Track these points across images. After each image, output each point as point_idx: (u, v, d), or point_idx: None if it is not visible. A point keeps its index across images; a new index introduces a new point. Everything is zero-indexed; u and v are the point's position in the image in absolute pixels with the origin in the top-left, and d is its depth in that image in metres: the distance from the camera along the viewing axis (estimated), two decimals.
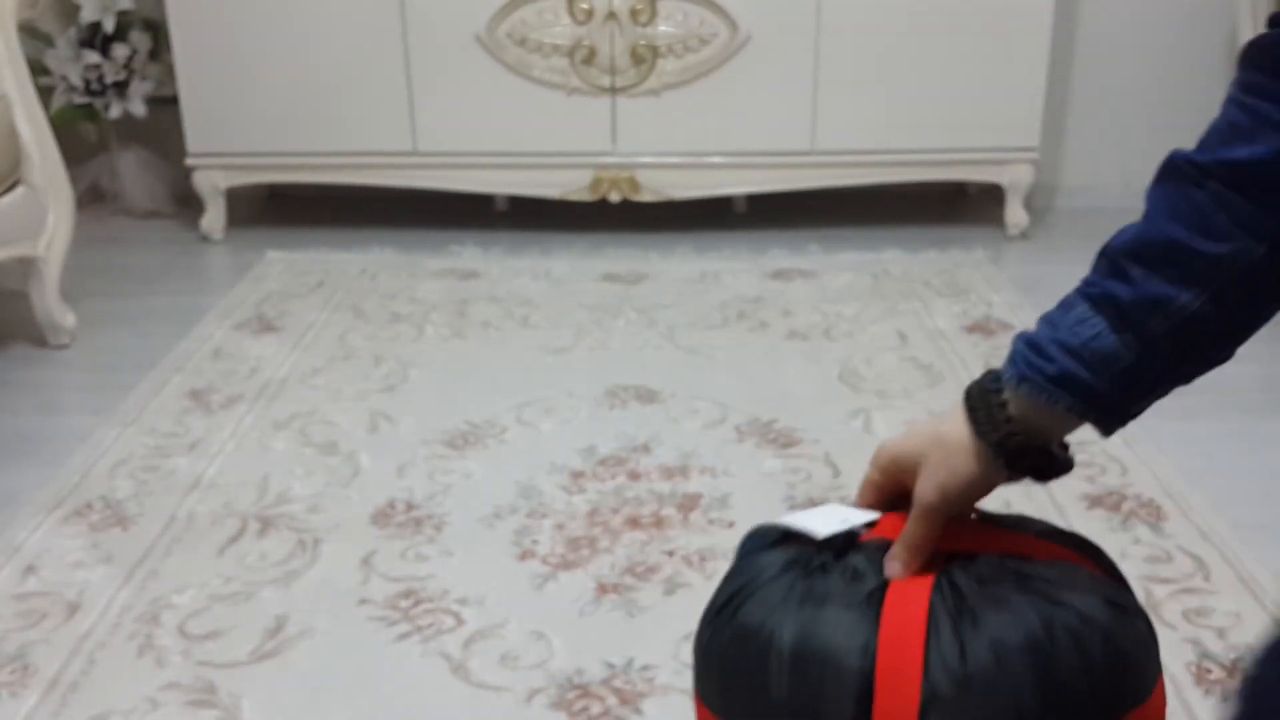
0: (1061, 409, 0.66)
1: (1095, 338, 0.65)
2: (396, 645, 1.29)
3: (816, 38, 2.43)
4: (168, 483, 1.62)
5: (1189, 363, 0.67)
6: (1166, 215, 0.64)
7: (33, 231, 2.02)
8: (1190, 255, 0.63)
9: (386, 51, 2.46)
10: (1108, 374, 0.66)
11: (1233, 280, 0.63)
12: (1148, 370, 0.66)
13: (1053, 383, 0.66)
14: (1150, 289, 0.64)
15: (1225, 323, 0.65)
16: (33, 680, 1.24)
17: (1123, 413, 0.68)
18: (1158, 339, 0.65)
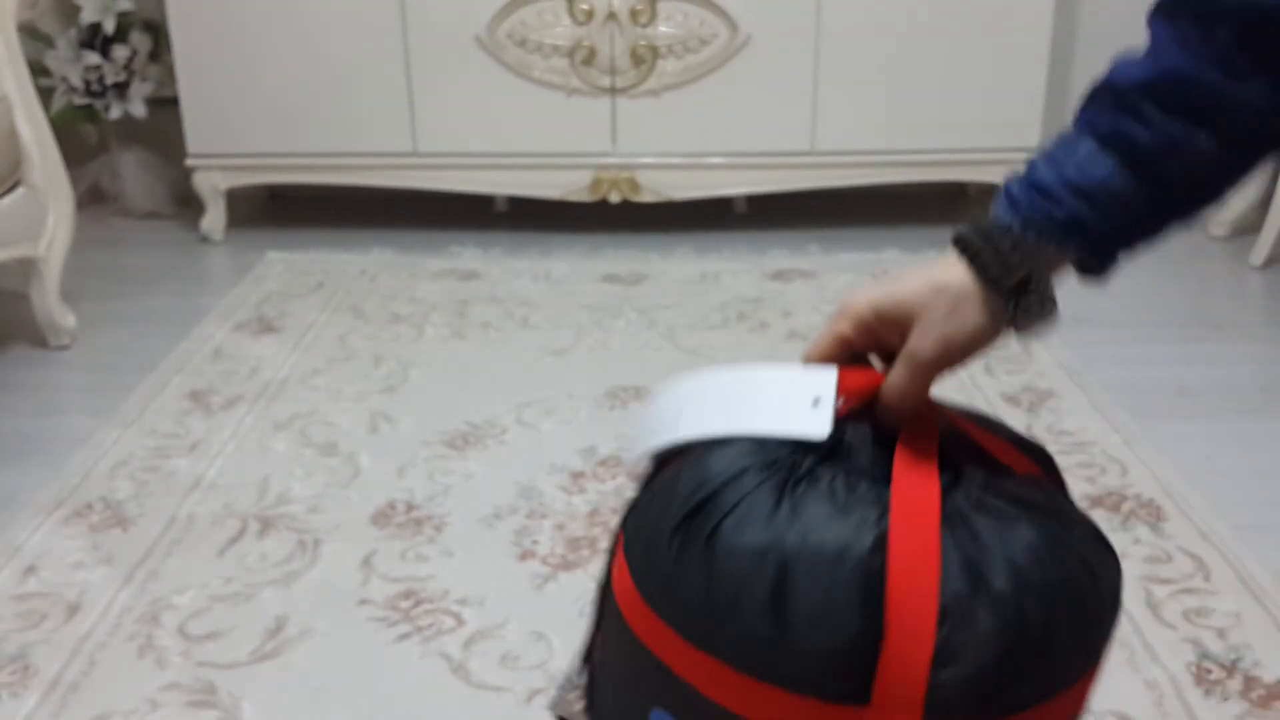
0: (1070, 253, 0.64)
1: (1107, 178, 0.62)
2: (397, 646, 1.29)
3: (816, 38, 2.43)
4: (168, 483, 1.63)
5: (1193, 205, 0.65)
6: (1183, 52, 0.61)
7: (33, 232, 2.02)
8: (1214, 96, 0.61)
9: (386, 52, 2.46)
10: (1116, 216, 0.63)
11: (1252, 123, 0.61)
12: (1155, 213, 0.64)
13: (1064, 228, 0.63)
14: (1169, 130, 0.61)
15: (1236, 165, 0.63)
16: (33, 681, 1.24)
17: (1119, 256, 0.66)
18: (1172, 181, 0.62)
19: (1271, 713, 1.18)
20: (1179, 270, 2.41)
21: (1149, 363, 1.98)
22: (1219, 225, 2.57)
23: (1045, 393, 1.86)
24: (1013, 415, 1.79)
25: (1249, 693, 1.20)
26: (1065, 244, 0.64)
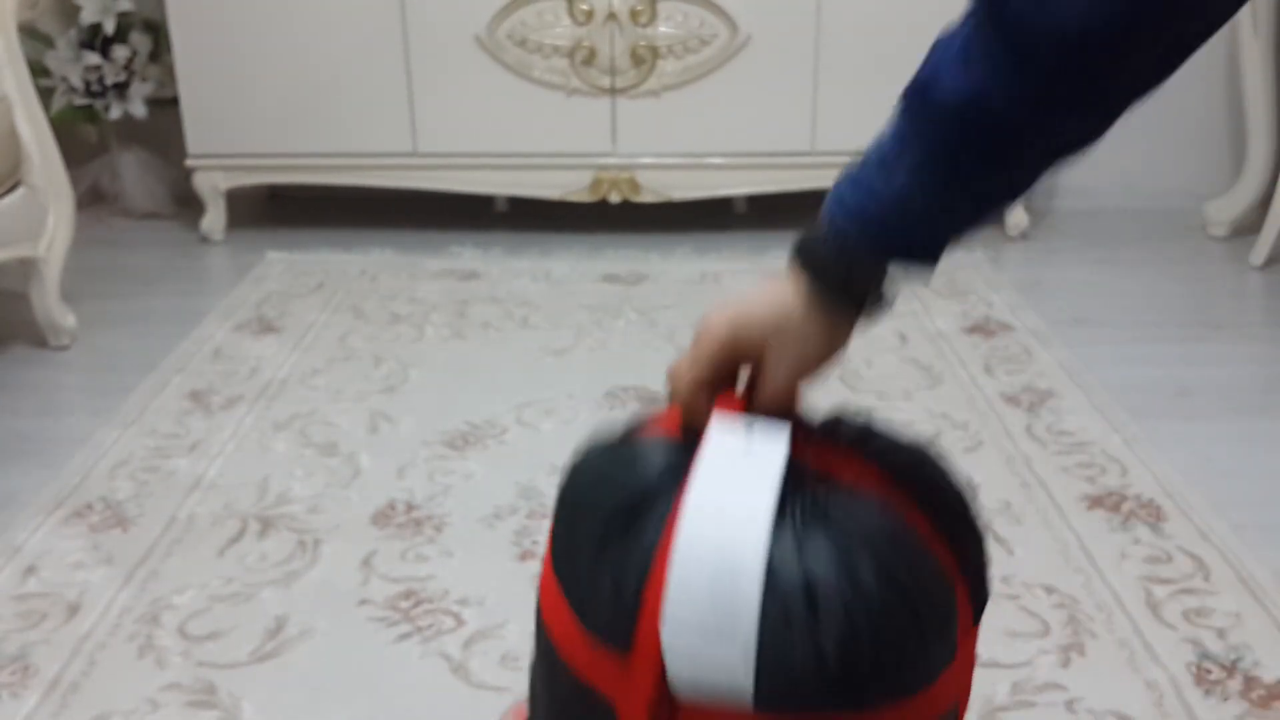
0: (890, 262, 0.69)
1: (908, 194, 0.67)
2: (397, 646, 1.29)
3: (816, 38, 2.43)
4: (168, 484, 1.63)
5: (996, 212, 0.69)
6: (992, 74, 0.65)
7: (33, 232, 2.02)
8: (1016, 126, 0.65)
9: (387, 52, 2.46)
10: (922, 229, 0.68)
11: (1054, 144, 0.66)
12: (955, 222, 0.68)
13: (876, 246, 0.68)
14: (971, 154, 0.65)
15: (1033, 179, 0.68)
16: (33, 681, 1.24)
17: (935, 257, 0.70)
18: (972, 197, 0.67)
19: (1271, 713, 1.18)
20: (1179, 270, 2.41)
21: (1149, 363, 1.98)
22: (1219, 225, 2.57)
23: (1045, 393, 1.86)
24: (1012, 415, 1.79)
25: (1249, 693, 1.20)
26: (881, 259, 0.68)
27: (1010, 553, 1.45)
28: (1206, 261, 2.48)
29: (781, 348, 0.68)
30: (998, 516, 1.52)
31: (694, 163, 2.53)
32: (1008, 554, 1.44)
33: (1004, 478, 1.61)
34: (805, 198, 2.68)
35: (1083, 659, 1.26)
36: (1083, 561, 1.43)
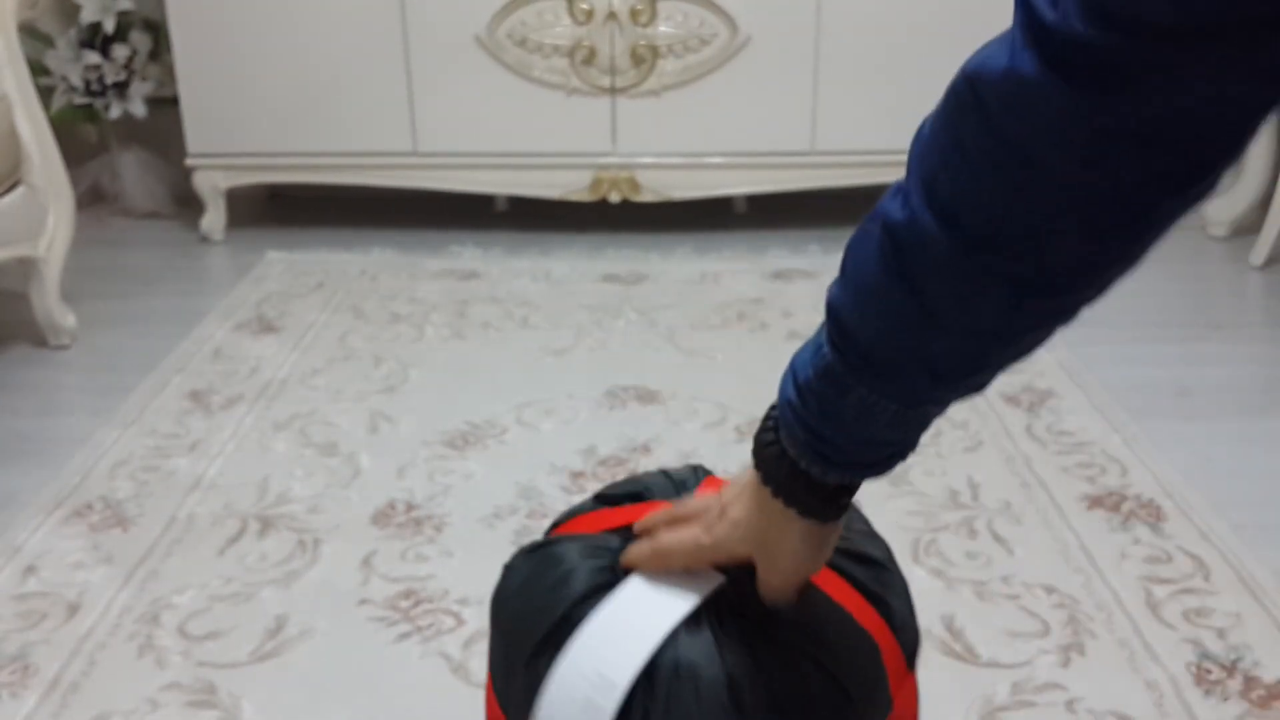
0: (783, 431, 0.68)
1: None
2: (397, 645, 1.29)
3: (816, 38, 2.43)
4: (168, 483, 1.63)
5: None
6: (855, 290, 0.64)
7: (33, 232, 2.02)
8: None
9: (387, 52, 2.46)
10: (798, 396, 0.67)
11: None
12: (809, 406, 0.66)
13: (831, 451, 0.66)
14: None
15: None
16: (33, 681, 1.24)
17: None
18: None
19: (1271, 713, 1.18)
20: (1179, 270, 2.40)
21: (1149, 363, 1.99)
22: (1219, 225, 2.57)
23: (1045, 393, 1.86)
24: (1012, 415, 1.79)
25: (1249, 693, 1.20)
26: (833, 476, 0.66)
27: (1010, 553, 1.45)
28: (1206, 261, 2.48)
29: (770, 562, 0.68)
30: (998, 516, 1.52)
31: (694, 162, 2.53)
32: (1008, 554, 1.44)
33: (1004, 477, 1.62)
34: (805, 197, 2.69)
35: (1083, 659, 1.26)
36: (1083, 561, 1.43)
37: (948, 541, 1.47)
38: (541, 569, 0.70)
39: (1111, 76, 0.48)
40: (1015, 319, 0.58)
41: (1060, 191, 0.53)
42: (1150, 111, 0.49)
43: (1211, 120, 0.50)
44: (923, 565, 1.42)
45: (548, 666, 0.66)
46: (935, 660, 1.25)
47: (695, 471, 0.79)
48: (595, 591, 0.67)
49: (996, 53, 0.55)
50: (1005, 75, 0.53)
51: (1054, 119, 0.51)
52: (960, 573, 1.41)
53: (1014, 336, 0.59)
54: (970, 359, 0.60)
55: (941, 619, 1.32)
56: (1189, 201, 0.54)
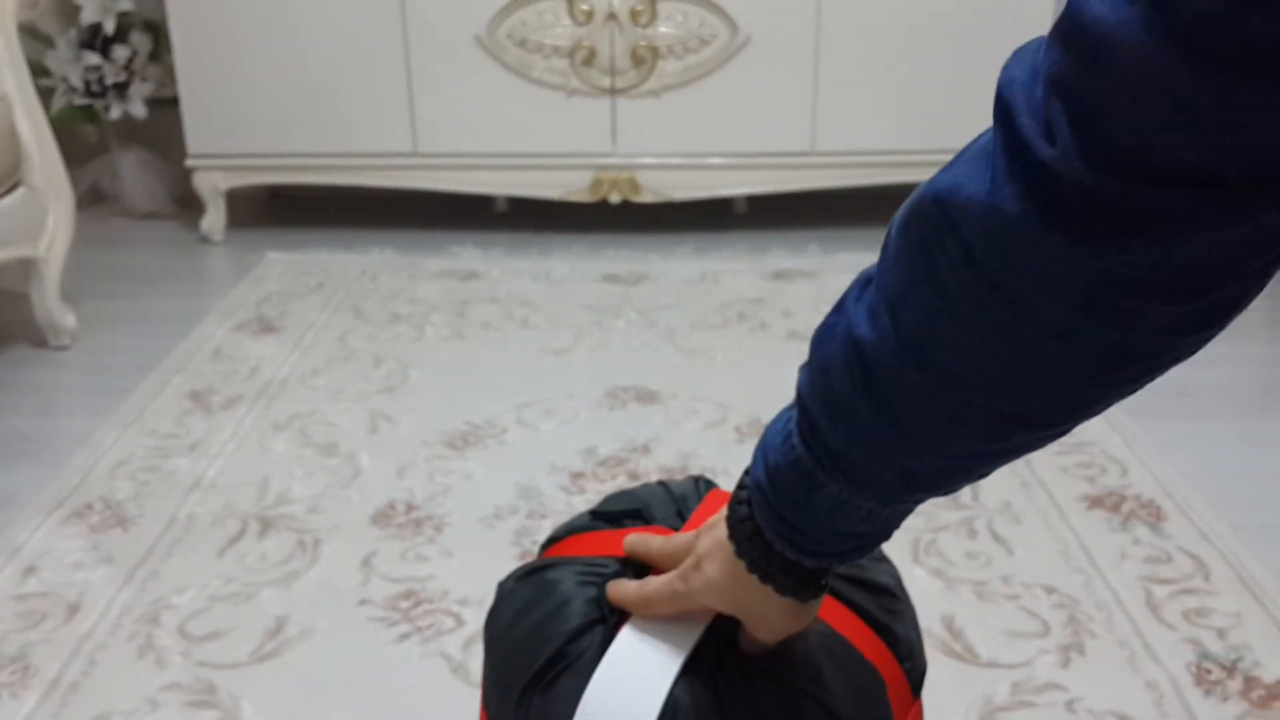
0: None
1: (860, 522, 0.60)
2: (396, 646, 1.29)
3: (816, 39, 2.44)
4: (168, 484, 1.63)
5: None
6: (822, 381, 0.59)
7: (33, 232, 2.02)
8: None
9: (387, 53, 2.47)
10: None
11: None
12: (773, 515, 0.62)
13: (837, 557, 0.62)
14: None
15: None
16: (33, 681, 1.24)
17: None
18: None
19: (1271, 713, 1.18)
20: None
21: None
22: None
23: None
24: None
25: (1249, 693, 1.21)
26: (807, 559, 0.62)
27: (1010, 553, 1.45)
28: None
29: (751, 623, 0.65)
30: (998, 516, 1.52)
31: (694, 163, 2.53)
32: (1008, 554, 1.44)
33: (1004, 478, 1.62)
34: (805, 198, 2.69)
35: (1083, 659, 1.26)
36: (1083, 561, 1.43)
37: (948, 541, 1.47)
38: (536, 597, 0.70)
39: (1119, 224, 0.42)
40: (1002, 445, 0.52)
41: (1055, 339, 0.46)
42: (1166, 259, 0.42)
43: (1238, 258, 0.43)
44: (923, 565, 1.42)
45: (540, 705, 0.65)
46: (935, 660, 1.25)
47: (696, 484, 0.77)
48: (589, 626, 0.67)
49: (972, 176, 0.46)
50: (986, 210, 0.44)
51: (1048, 264, 0.44)
52: (960, 573, 1.41)
53: (1002, 455, 0.53)
54: (952, 474, 0.55)
55: (941, 619, 1.32)
56: (1209, 335, 0.48)
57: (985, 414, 0.50)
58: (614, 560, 0.70)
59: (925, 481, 0.55)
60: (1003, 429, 0.51)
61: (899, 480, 0.55)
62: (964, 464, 0.54)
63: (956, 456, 0.53)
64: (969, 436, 0.51)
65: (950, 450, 0.53)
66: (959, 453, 0.53)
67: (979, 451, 0.53)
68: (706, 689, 0.63)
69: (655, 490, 0.76)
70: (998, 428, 0.51)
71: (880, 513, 0.57)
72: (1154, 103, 0.38)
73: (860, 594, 0.71)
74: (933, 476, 0.55)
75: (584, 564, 0.70)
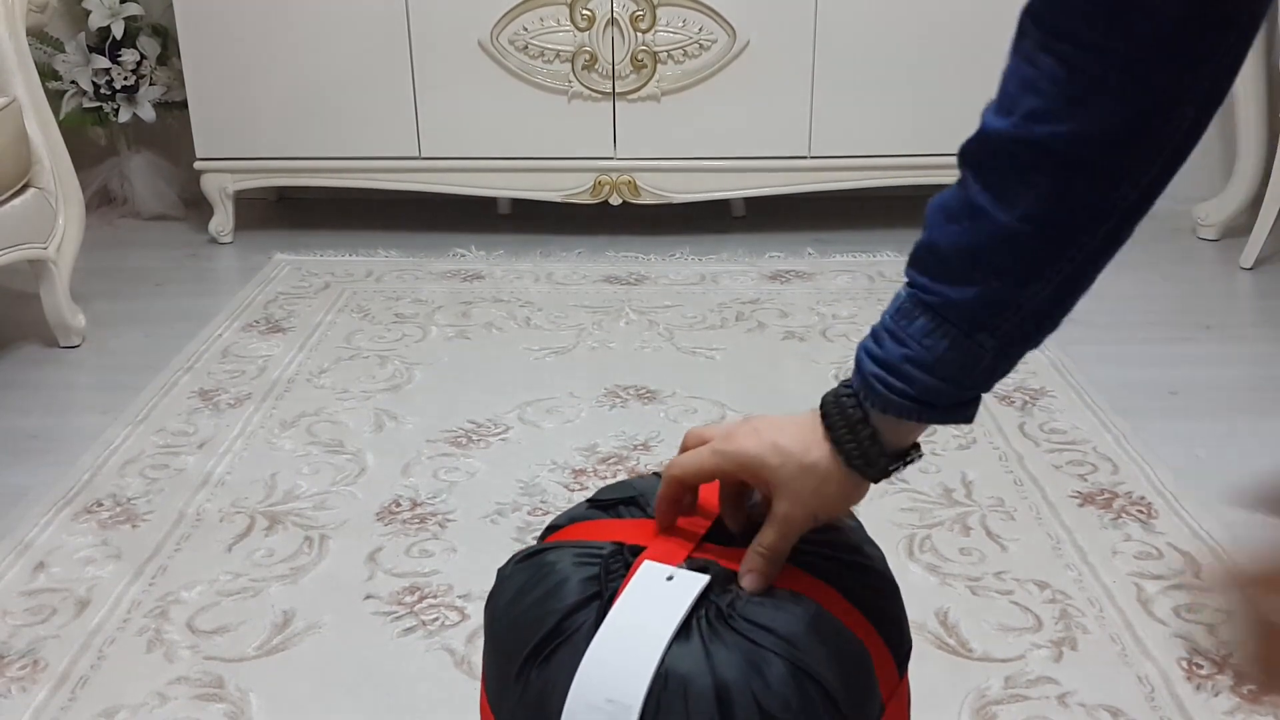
0: (927, 423, 0.67)
1: (950, 348, 0.64)
2: (401, 640, 1.31)
3: (814, 44, 2.46)
4: (177, 481, 1.65)
5: (1044, 333, 0.66)
6: (1007, 207, 0.61)
7: (43, 233, 2.05)
8: (1038, 255, 0.62)
9: (391, 58, 2.49)
10: (968, 378, 0.65)
11: (1077, 266, 0.63)
12: (1005, 359, 0.65)
13: (918, 403, 0.65)
14: (1002, 293, 0.63)
15: (1071, 298, 0.65)
16: (42, 675, 1.26)
17: (977, 404, 0.68)
18: (1011, 334, 0.64)
19: (1261, 708, 1.19)
20: (1170, 271, 2.42)
21: (1140, 362, 2.01)
22: (1209, 228, 2.60)
23: (1037, 391, 1.88)
24: (1005, 413, 1.81)
25: (1239, 687, 1.22)
26: (924, 419, 0.66)
27: (1003, 549, 1.47)
28: (1197, 263, 2.50)
29: (796, 494, 0.68)
30: (991, 513, 1.54)
31: (693, 166, 2.55)
32: (1001, 550, 1.47)
33: (997, 475, 1.64)
34: (802, 200, 2.71)
35: (1075, 653, 1.28)
36: (1074, 557, 1.45)
37: (941, 538, 1.49)
38: (534, 578, 0.72)
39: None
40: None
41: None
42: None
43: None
44: (917, 561, 1.44)
45: (539, 677, 0.67)
46: (929, 654, 1.27)
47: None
48: (586, 602, 0.69)
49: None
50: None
51: None
52: (954, 568, 1.43)
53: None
54: (1066, 285, 0.64)
55: (935, 614, 1.34)
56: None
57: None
58: (610, 543, 0.72)
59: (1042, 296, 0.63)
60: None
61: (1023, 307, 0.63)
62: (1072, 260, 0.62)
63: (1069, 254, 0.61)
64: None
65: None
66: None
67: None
68: (697, 658, 0.65)
69: (650, 481, 0.78)
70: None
71: (964, 344, 0.64)
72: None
73: (848, 574, 0.73)
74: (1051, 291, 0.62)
75: (581, 546, 0.73)
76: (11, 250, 1.98)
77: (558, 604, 0.68)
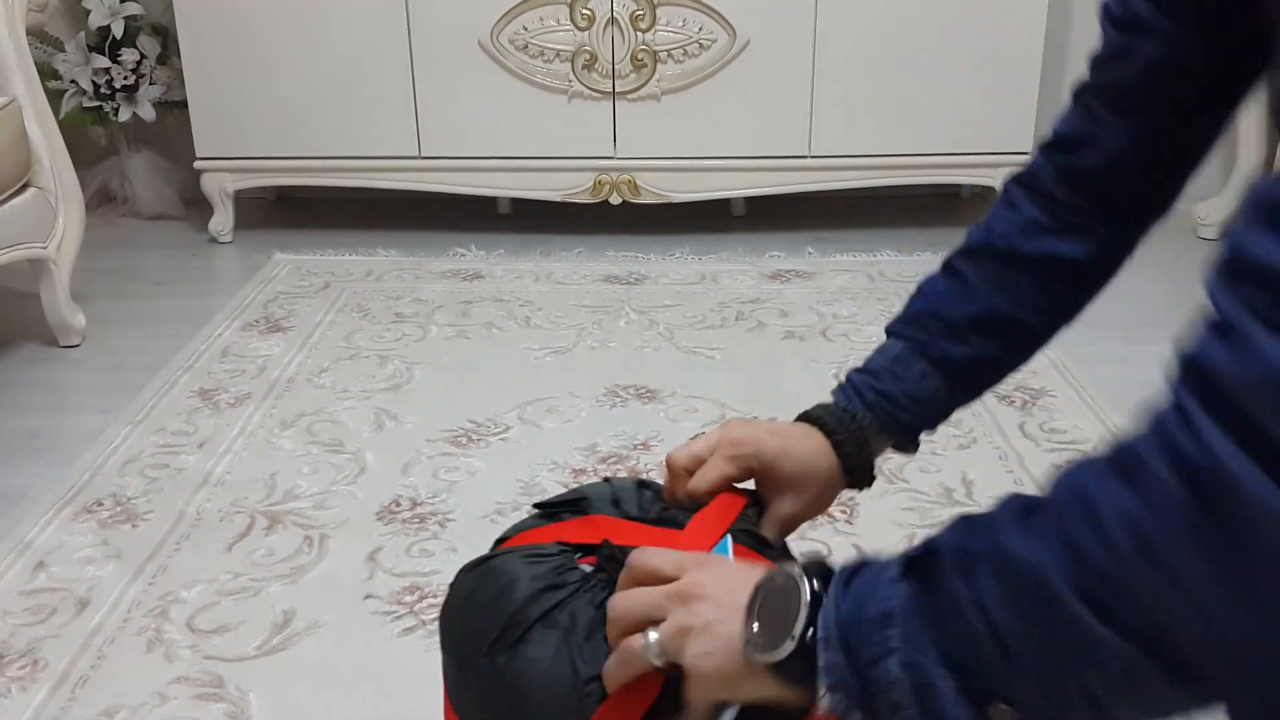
0: (907, 446, 0.81)
1: (937, 392, 0.79)
2: (401, 639, 1.32)
3: (814, 43, 2.46)
4: (176, 480, 1.65)
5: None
6: (990, 296, 0.77)
7: (43, 233, 2.05)
8: (1019, 327, 0.77)
9: (392, 57, 2.49)
10: (936, 415, 0.80)
11: (1044, 333, 0.78)
12: (961, 403, 0.81)
13: (908, 430, 0.79)
14: (986, 354, 0.78)
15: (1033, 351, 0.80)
16: (42, 675, 1.26)
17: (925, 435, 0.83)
18: (982, 384, 0.81)
19: None
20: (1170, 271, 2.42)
21: (1140, 362, 2.00)
22: (1209, 226, 2.60)
23: (1038, 391, 1.88)
24: (1006, 413, 1.81)
25: None
26: (908, 446, 0.81)
27: None
28: (1197, 262, 2.49)
29: (803, 499, 0.76)
30: None
31: (693, 165, 2.55)
32: None
33: (997, 475, 1.64)
34: (802, 200, 2.71)
35: None
36: None
37: None
38: (484, 583, 0.72)
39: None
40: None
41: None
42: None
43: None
44: None
45: (499, 668, 0.68)
46: None
47: (638, 485, 0.81)
48: (537, 595, 0.69)
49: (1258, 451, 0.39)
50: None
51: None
52: None
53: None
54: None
55: None
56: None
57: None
58: (557, 545, 0.73)
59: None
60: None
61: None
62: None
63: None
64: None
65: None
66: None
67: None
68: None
69: (598, 486, 0.80)
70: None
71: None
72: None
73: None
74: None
75: (528, 549, 0.74)
76: (11, 250, 1.98)
77: (509, 601, 0.69)
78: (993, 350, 0.78)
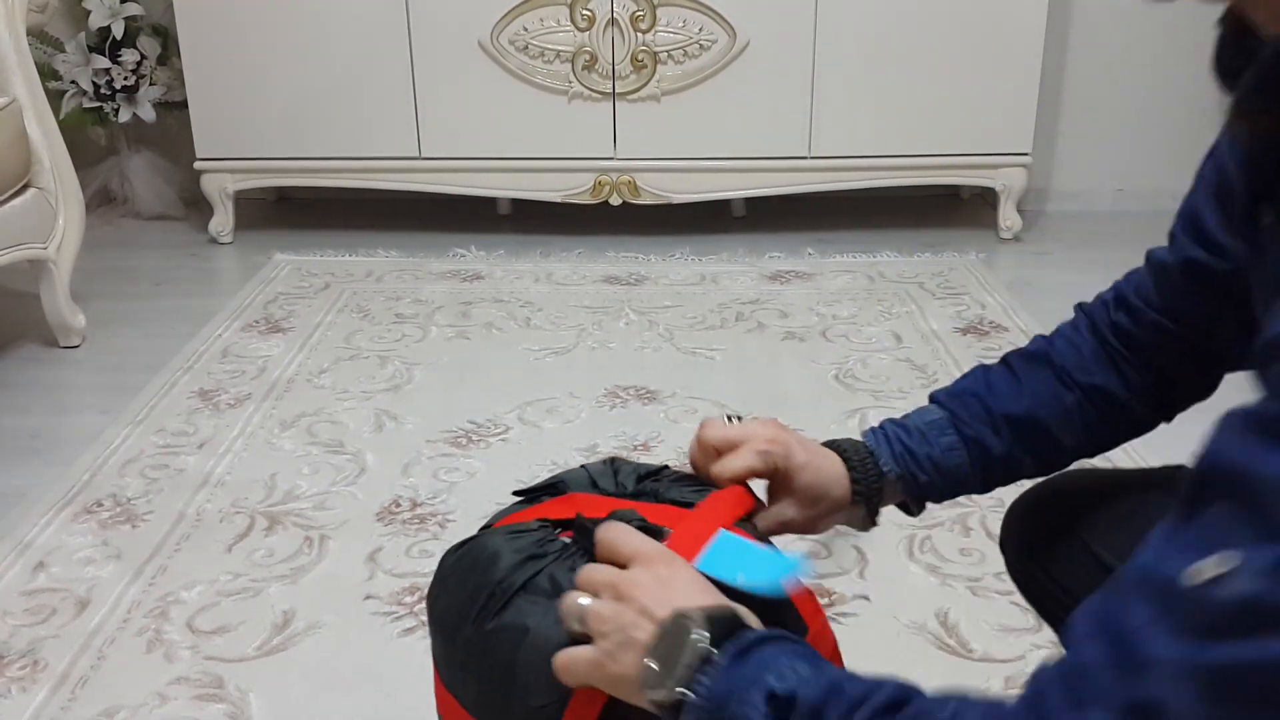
0: (914, 502, 0.86)
1: (959, 467, 0.84)
2: (401, 639, 1.32)
3: (814, 44, 2.46)
4: (176, 481, 1.65)
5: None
6: (1035, 401, 0.83)
7: (43, 233, 2.05)
8: (1051, 439, 0.84)
9: (392, 58, 2.49)
10: (955, 489, 0.86)
11: (1071, 452, 0.86)
12: (979, 488, 0.87)
13: (922, 488, 0.85)
14: (1013, 452, 0.84)
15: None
16: (42, 675, 1.26)
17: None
18: (995, 483, 0.86)
19: None
20: None
21: None
22: None
23: None
24: None
25: None
26: (917, 498, 0.86)
27: None
28: None
29: (814, 513, 0.82)
30: (991, 513, 1.54)
31: (693, 166, 2.55)
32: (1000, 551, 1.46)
33: None
34: (802, 201, 2.71)
35: None
36: None
37: (942, 538, 1.49)
38: (467, 561, 0.74)
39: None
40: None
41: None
42: None
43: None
44: (917, 562, 1.44)
45: (488, 636, 0.69)
46: (929, 655, 1.28)
47: (609, 463, 0.82)
48: (520, 564, 0.71)
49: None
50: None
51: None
52: (954, 569, 1.43)
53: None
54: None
55: (935, 614, 1.34)
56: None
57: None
58: (538, 521, 0.75)
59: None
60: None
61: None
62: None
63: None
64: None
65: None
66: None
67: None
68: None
69: (575, 471, 0.82)
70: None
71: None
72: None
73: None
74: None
75: (510, 527, 0.75)
76: (11, 250, 1.98)
77: (494, 572, 0.71)
78: (1018, 451, 0.84)
